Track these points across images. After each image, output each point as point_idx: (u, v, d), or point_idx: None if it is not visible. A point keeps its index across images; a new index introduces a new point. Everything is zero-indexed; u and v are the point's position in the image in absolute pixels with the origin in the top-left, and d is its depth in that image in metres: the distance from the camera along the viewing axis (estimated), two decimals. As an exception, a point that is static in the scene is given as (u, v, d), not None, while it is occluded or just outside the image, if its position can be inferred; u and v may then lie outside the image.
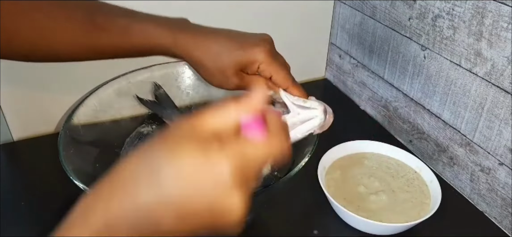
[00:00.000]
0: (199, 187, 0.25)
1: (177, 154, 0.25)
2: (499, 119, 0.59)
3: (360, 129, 0.84)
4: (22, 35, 0.47)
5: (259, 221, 0.61)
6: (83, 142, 0.57)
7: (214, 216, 0.26)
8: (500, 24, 0.56)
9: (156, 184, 0.25)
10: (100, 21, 0.49)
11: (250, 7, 0.82)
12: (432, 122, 0.71)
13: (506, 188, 0.60)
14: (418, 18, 0.69)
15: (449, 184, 0.70)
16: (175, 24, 0.52)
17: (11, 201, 0.64)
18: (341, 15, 0.90)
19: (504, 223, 0.62)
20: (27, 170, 0.72)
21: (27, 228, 0.60)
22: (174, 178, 0.25)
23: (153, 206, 0.26)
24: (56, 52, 0.50)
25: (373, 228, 0.58)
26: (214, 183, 0.25)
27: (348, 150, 0.70)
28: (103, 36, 0.49)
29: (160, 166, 0.26)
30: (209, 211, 0.26)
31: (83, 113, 0.59)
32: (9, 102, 0.73)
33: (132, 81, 0.66)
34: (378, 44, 0.80)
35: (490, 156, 0.62)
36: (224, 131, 0.27)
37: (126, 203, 0.26)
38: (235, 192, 0.26)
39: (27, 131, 0.77)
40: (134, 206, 0.26)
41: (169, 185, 0.25)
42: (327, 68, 1.00)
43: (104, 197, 0.27)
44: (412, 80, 0.74)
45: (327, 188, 0.61)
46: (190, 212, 0.26)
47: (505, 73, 0.57)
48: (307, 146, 0.54)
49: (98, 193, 0.27)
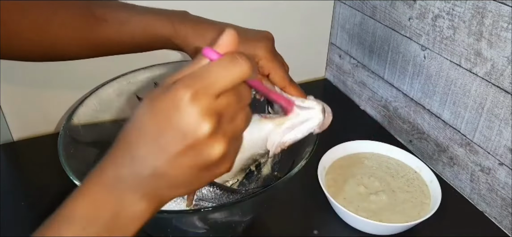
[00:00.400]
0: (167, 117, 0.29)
1: (152, 105, 0.30)
2: (499, 119, 0.59)
3: (360, 129, 0.84)
4: (23, 32, 0.47)
5: (259, 221, 0.61)
6: (83, 142, 0.57)
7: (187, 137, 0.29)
8: (500, 24, 0.56)
9: (142, 135, 0.30)
10: (99, 14, 0.49)
11: (250, 7, 0.82)
12: (432, 122, 0.71)
13: (506, 188, 0.60)
14: (418, 18, 0.69)
15: (449, 184, 0.70)
16: (175, 15, 0.52)
17: (11, 201, 0.64)
18: (341, 15, 0.90)
19: (504, 223, 0.62)
20: (27, 170, 0.72)
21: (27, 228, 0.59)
22: (152, 123, 0.29)
23: (144, 153, 0.30)
24: (57, 48, 0.50)
25: (373, 228, 0.58)
26: (174, 106, 0.28)
27: (348, 150, 0.70)
28: (103, 28, 0.49)
29: (143, 119, 0.30)
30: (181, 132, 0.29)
31: (83, 113, 0.59)
32: (9, 102, 0.73)
33: (132, 81, 0.66)
34: (378, 44, 0.80)
35: (490, 156, 0.62)
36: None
37: (126, 157, 0.31)
38: (194, 105, 0.28)
39: (27, 131, 0.77)
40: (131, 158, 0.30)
41: (150, 130, 0.29)
42: (327, 68, 1.00)
43: (111, 156, 0.32)
44: (412, 80, 0.74)
45: (327, 188, 0.61)
46: (168, 143, 0.29)
47: (505, 73, 0.57)
48: (307, 146, 0.54)
49: (107, 155, 0.32)
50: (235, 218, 0.54)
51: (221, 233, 0.56)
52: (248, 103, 0.32)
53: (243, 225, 0.56)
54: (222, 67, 0.29)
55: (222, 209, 0.52)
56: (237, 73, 0.29)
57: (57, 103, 0.75)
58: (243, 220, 0.55)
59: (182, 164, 0.29)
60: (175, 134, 0.29)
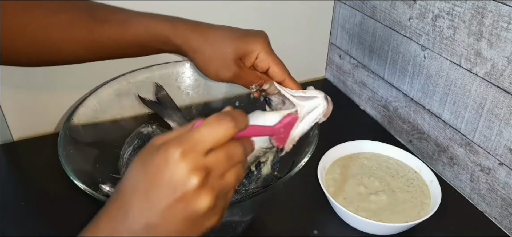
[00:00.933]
0: (159, 174, 0.31)
1: (144, 163, 0.32)
2: (499, 119, 0.59)
3: (360, 129, 0.84)
4: (24, 35, 0.47)
5: (259, 221, 0.61)
6: (83, 142, 0.57)
7: (176, 191, 0.31)
8: (500, 24, 0.56)
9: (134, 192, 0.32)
10: (100, 15, 0.50)
11: (250, 7, 0.82)
12: (432, 122, 0.71)
13: (506, 188, 0.60)
14: (418, 18, 0.69)
15: (449, 184, 0.70)
16: (173, 17, 0.53)
17: (11, 201, 0.64)
18: (341, 15, 0.90)
19: (504, 223, 0.62)
20: (27, 170, 0.72)
21: (27, 228, 0.60)
22: (144, 180, 0.32)
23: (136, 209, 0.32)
24: (59, 52, 0.50)
25: (373, 228, 0.58)
26: (165, 163, 0.31)
27: (348, 150, 0.70)
28: (103, 29, 0.50)
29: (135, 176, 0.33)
30: (171, 187, 0.31)
31: (83, 113, 0.59)
32: (9, 102, 0.73)
33: (132, 81, 0.66)
34: (378, 44, 0.80)
35: (490, 156, 0.62)
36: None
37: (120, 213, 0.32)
38: (183, 161, 0.31)
39: (27, 131, 0.77)
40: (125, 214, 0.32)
41: (142, 187, 0.32)
42: (327, 68, 1.00)
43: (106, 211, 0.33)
44: (412, 80, 0.74)
45: (327, 188, 0.61)
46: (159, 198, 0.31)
47: (505, 73, 0.57)
48: (307, 146, 0.54)
49: (103, 209, 0.34)
50: (235, 218, 0.54)
51: (221, 233, 0.56)
52: (240, 161, 0.35)
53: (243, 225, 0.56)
54: (208, 127, 0.32)
55: (222, 209, 0.52)
56: (222, 130, 0.32)
57: (57, 103, 0.75)
58: (243, 220, 0.55)
59: (171, 216, 0.31)
60: (165, 189, 0.31)
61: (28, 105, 0.75)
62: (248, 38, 0.52)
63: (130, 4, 0.53)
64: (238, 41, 0.52)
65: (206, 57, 0.52)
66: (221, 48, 0.52)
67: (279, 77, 0.53)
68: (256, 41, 0.52)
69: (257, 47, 0.52)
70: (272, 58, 0.53)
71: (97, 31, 0.50)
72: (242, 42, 0.52)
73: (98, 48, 0.51)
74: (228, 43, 0.52)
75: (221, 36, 0.52)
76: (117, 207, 0.33)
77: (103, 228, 0.33)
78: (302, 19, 0.89)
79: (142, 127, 0.65)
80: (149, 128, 0.64)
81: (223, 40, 0.52)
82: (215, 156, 0.32)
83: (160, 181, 0.31)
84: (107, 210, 0.33)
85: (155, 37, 0.52)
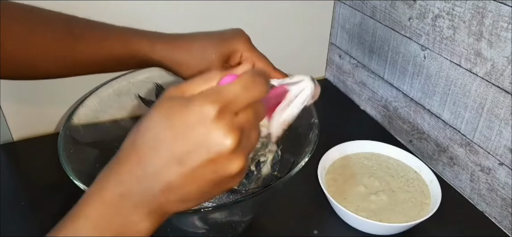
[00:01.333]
0: (190, 131, 0.29)
1: (170, 117, 0.29)
2: (499, 119, 0.59)
3: (360, 129, 0.84)
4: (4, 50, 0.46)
5: (259, 221, 0.61)
6: (83, 142, 0.57)
7: (210, 152, 0.29)
8: (500, 24, 0.56)
9: (157, 148, 0.29)
10: (78, 32, 0.50)
11: (250, 7, 0.82)
12: (432, 122, 0.71)
13: (506, 188, 0.60)
14: (418, 18, 0.69)
15: (449, 184, 0.70)
16: (151, 32, 0.54)
17: (11, 201, 0.64)
18: (341, 15, 0.90)
19: (504, 223, 0.62)
20: (27, 170, 0.72)
21: (27, 228, 0.60)
22: (170, 136, 0.29)
23: (158, 167, 0.29)
24: (38, 67, 0.50)
25: (373, 228, 0.58)
26: (199, 121, 0.28)
27: (348, 150, 0.70)
28: (81, 45, 0.50)
29: (157, 131, 0.29)
30: (205, 147, 0.29)
31: (83, 113, 0.59)
32: (9, 102, 0.73)
33: (132, 81, 0.66)
34: (378, 44, 0.80)
35: (490, 156, 0.62)
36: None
37: (134, 172, 0.30)
38: (220, 121, 0.29)
39: (27, 131, 0.77)
40: (142, 172, 0.29)
41: (167, 143, 0.29)
42: (327, 68, 1.00)
43: (114, 171, 0.31)
44: (412, 80, 0.74)
45: (327, 188, 0.61)
46: (189, 157, 0.29)
47: (505, 73, 0.57)
48: (307, 146, 0.54)
49: (108, 170, 0.31)
50: (235, 218, 0.54)
51: (221, 233, 0.56)
52: (262, 119, 0.33)
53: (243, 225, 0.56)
54: (244, 87, 0.30)
55: (222, 209, 0.52)
56: (257, 93, 0.31)
57: (57, 103, 0.75)
58: (243, 220, 0.55)
59: (199, 177, 0.30)
60: (197, 148, 0.29)
61: (28, 105, 0.75)
62: (229, 40, 0.53)
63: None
64: (220, 45, 0.53)
65: (191, 68, 0.53)
66: (205, 56, 0.52)
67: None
68: (238, 41, 0.53)
69: (240, 46, 0.53)
70: (255, 54, 0.54)
71: (74, 48, 0.50)
72: (224, 46, 0.53)
73: (76, 64, 0.51)
74: (211, 50, 0.52)
75: (203, 45, 0.53)
76: (130, 165, 0.30)
77: (110, 191, 0.30)
78: (302, 19, 0.89)
79: (142, 127, 0.64)
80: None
81: (206, 48, 0.53)
82: (246, 116, 0.30)
83: (192, 139, 0.28)
84: (114, 169, 0.31)
85: (134, 53, 0.52)
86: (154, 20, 0.74)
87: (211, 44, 0.53)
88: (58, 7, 0.67)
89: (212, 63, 0.52)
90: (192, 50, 0.53)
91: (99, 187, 0.31)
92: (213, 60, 0.52)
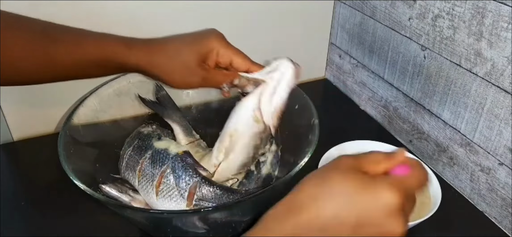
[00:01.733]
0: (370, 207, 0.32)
1: (348, 179, 0.33)
2: (499, 119, 0.59)
3: (360, 129, 0.84)
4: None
5: (259, 221, 0.61)
6: (83, 142, 0.57)
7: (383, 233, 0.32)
8: (500, 24, 0.56)
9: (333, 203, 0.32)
10: (54, 34, 0.51)
11: (250, 7, 0.82)
12: (432, 122, 0.71)
13: (506, 188, 0.60)
14: (418, 18, 0.69)
15: (449, 184, 0.70)
16: (127, 37, 0.54)
17: (11, 201, 0.64)
18: (341, 15, 0.90)
19: (504, 223, 0.62)
20: (27, 170, 0.72)
21: (27, 228, 0.60)
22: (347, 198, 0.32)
23: (331, 220, 0.32)
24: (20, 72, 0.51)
25: (373, 228, 0.58)
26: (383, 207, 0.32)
27: (348, 150, 0.70)
28: (57, 47, 0.50)
29: (335, 188, 0.33)
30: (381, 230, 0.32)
31: (83, 113, 0.59)
32: (9, 102, 0.73)
33: (132, 81, 0.66)
34: (378, 44, 0.80)
35: (490, 156, 0.62)
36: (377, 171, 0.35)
37: (311, 219, 0.33)
38: (401, 215, 0.32)
39: (27, 131, 0.77)
40: (318, 221, 0.33)
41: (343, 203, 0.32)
42: (327, 68, 1.00)
43: (293, 212, 0.34)
44: (412, 80, 0.74)
45: (327, 188, 0.61)
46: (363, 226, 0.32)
47: (505, 73, 0.57)
48: (307, 146, 0.54)
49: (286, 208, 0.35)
50: (235, 218, 0.54)
51: (221, 233, 0.56)
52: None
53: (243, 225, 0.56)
54: (416, 178, 0.34)
55: (222, 209, 0.52)
56: (423, 180, 0.35)
57: (57, 103, 0.75)
58: (243, 220, 0.55)
59: None
60: (373, 229, 0.32)
61: (28, 105, 0.75)
62: (203, 39, 0.54)
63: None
64: (195, 45, 0.54)
65: (169, 70, 0.54)
66: (182, 57, 0.53)
67: (244, 66, 0.55)
68: (212, 39, 0.54)
69: (215, 44, 0.54)
70: (231, 50, 0.55)
71: (51, 52, 0.50)
72: (200, 45, 0.54)
73: (54, 67, 0.51)
74: (187, 51, 0.53)
75: (178, 47, 0.54)
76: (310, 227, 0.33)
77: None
78: (302, 19, 0.89)
79: (142, 127, 0.64)
80: (149, 128, 0.64)
81: (182, 49, 0.53)
82: (411, 207, 0.34)
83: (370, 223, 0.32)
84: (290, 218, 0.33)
85: (110, 56, 0.52)
86: (154, 20, 0.74)
87: (186, 45, 0.54)
88: (58, 7, 0.67)
89: (190, 64, 0.53)
90: (168, 52, 0.53)
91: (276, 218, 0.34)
92: (191, 61, 0.53)
